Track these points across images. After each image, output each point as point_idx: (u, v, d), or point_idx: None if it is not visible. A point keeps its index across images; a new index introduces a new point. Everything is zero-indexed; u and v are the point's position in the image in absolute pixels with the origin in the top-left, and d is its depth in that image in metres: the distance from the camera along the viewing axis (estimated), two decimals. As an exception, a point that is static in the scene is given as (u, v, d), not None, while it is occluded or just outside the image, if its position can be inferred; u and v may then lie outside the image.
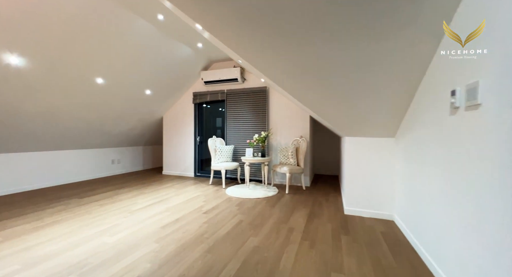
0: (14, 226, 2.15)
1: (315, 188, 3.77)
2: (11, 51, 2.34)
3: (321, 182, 4.28)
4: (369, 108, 2.02)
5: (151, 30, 3.08)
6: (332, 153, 5.09)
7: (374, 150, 2.44)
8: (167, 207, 2.75)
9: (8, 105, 2.73)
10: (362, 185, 2.48)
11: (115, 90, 3.61)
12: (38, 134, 3.37)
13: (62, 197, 3.16)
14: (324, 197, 3.22)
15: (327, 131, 4.92)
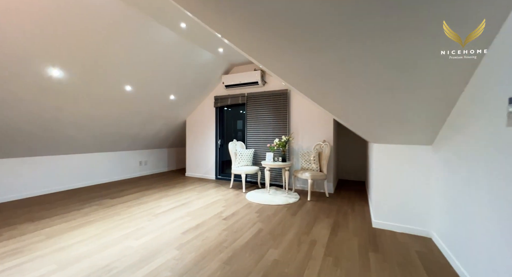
0: (54, 225, 2.35)
1: (339, 195, 3.57)
2: (53, 65, 2.57)
3: (346, 189, 4.04)
4: (402, 113, 1.83)
5: (174, 38, 3.18)
6: (358, 157, 4.79)
7: (407, 158, 2.21)
8: (188, 211, 2.80)
9: (50, 112, 3.01)
10: (393, 196, 2.27)
11: (142, 96, 3.80)
12: (75, 139, 3.68)
13: (95, 197, 3.41)
14: (349, 206, 3.03)
15: (352, 134, 4.64)
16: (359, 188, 4.15)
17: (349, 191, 3.87)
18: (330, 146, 3.56)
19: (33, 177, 3.44)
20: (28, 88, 2.59)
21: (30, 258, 1.71)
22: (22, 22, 2.08)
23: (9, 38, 2.12)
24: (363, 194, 3.67)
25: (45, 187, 3.58)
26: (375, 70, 1.47)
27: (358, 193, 3.73)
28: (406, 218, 2.20)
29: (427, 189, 2.11)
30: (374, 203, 2.43)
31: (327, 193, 3.51)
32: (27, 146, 3.22)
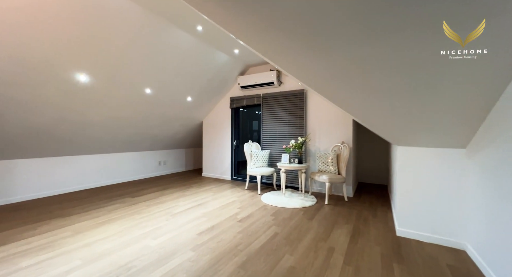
0: (81, 221, 2.50)
1: (359, 200, 3.40)
2: (79, 70, 2.74)
3: (366, 192, 3.85)
4: (431, 115, 1.68)
5: (191, 40, 3.24)
6: (379, 159, 4.55)
7: (436, 162, 2.03)
8: (204, 212, 2.83)
9: (78, 115, 3.21)
10: (420, 203, 2.10)
11: (160, 99, 3.92)
12: (101, 140, 3.90)
13: (118, 195, 3.58)
14: (370, 211, 2.87)
15: (373, 134, 4.41)
16: (380, 192, 3.93)
17: (369, 195, 3.67)
18: (349, 148, 3.41)
19: (64, 175, 3.70)
20: (57, 93, 2.78)
21: (58, 253, 1.83)
22: (51, 31, 2.23)
23: (39, 45, 2.29)
24: (385, 199, 3.46)
25: (75, 185, 3.84)
26: (399, 69, 1.35)
27: (379, 198, 3.53)
28: (435, 227, 2.03)
29: (460, 196, 1.92)
30: (398, 209, 2.27)
31: (346, 197, 3.36)
32: (59, 146, 3.47)
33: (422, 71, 1.30)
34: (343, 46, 1.27)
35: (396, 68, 1.36)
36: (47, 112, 2.89)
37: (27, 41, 2.18)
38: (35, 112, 2.80)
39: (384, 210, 2.94)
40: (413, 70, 1.31)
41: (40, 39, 2.22)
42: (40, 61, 2.38)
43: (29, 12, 2.01)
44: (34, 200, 3.31)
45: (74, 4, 2.14)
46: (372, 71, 1.44)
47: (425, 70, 1.28)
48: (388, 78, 1.47)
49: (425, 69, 1.28)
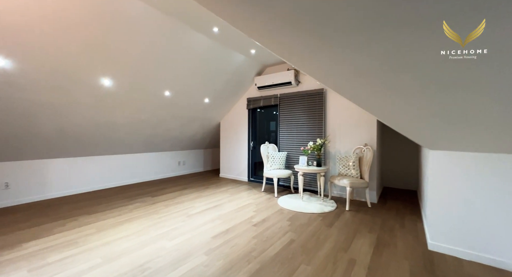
0: (104, 219, 2.63)
1: (384, 206, 3.15)
2: (104, 75, 2.88)
3: (393, 198, 3.56)
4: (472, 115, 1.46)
5: (207, 42, 3.25)
6: (407, 162, 4.19)
7: (477, 169, 1.78)
8: (220, 214, 2.81)
9: (103, 118, 3.40)
10: (458, 215, 1.85)
11: (179, 101, 4.01)
12: (124, 140, 4.10)
13: (140, 194, 3.73)
14: (397, 220, 2.63)
15: (400, 136, 4.08)
16: (409, 198, 3.60)
17: (396, 201, 3.38)
18: (373, 150, 3.17)
19: (92, 174, 3.95)
20: (85, 97, 2.96)
21: (82, 249, 1.92)
22: (78, 38, 2.37)
23: (68, 52, 2.44)
24: (415, 206, 3.16)
25: (101, 183, 4.08)
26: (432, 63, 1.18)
27: (407, 205, 3.24)
28: (477, 243, 1.77)
29: (509, 209, 1.66)
30: (430, 219, 2.04)
31: (369, 203, 3.13)
32: (87, 147, 3.71)
33: (467, 66, 1.13)
34: (367, 41, 1.14)
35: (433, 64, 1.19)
36: (76, 115, 3.10)
37: (58, 49, 2.34)
38: (66, 115, 3.01)
39: (413, 219, 2.67)
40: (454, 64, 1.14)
41: (69, 46, 2.37)
42: (70, 67, 2.54)
43: (56, 20, 2.15)
44: (66, 196, 3.57)
45: (97, 11, 2.25)
46: (401, 68, 1.28)
47: (472, 64, 1.10)
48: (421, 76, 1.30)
49: (472, 64, 1.10)
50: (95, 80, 2.85)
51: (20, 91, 2.46)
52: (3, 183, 3.08)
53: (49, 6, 2.03)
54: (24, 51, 2.20)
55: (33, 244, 2.02)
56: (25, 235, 2.19)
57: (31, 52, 2.24)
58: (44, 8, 2.02)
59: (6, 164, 3.11)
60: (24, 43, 2.14)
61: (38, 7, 1.99)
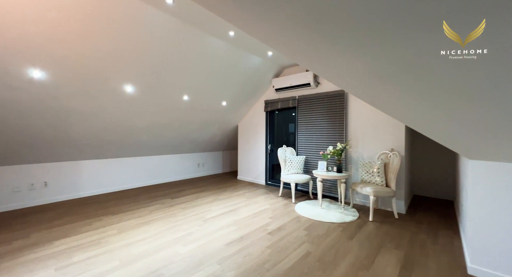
0: (126, 220, 2.75)
1: (413, 218, 2.86)
2: (126, 81, 3.03)
3: (424, 209, 3.23)
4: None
5: (224, 46, 3.26)
6: (442, 168, 3.78)
7: (531, 184, 1.51)
8: (235, 219, 2.79)
9: (126, 122, 3.58)
10: (506, 237, 1.59)
11: (197, 104, 4.09)
12: (146, 143, 4.29)
13: (160, 195, 3.87)
14: (429, 235, 2.36)
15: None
16: (444, 209, 3.24)
17: (428, 213, 3.06)
18: (401, 156, 2.90)
19: (118, 175, 4.20)
20: (110, 103, 3.14)
21: (104, 250, 2.02)
22: (101, 45, 2.51)
23: (94, 58, 2.60)
24: (451, 219, 2.83)
25: (126, 183, 4.32)
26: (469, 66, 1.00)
27: (442, 217, 2.91)
28: (529, 271, 1.50)
29: None
30: (471, 239, 1.78)
31: (396, 213, 2.87)
32: (113, 149, 3.95)
33: None
34: (389, 42, 1.01)
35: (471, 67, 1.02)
36: (102, 120, 3.30)
37: (82, 57, 2.50)
38: (93, 120, 3.23)
39: (449, 235, 2.38)
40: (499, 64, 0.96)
41: (94, 53, 2.52)
42: (95, 75, 2.71)
43: (81, 28, 2.30)
44: (95, 195, 3.84)
45: (118, 20, 2.35)
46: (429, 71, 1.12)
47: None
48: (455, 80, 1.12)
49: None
50: (118, 87, 3.01)
51: (52, 99, 2.68)
52: (43, 182, 3.40)
53: (75, 19, 2.17)
54: (53, 62, 2.39)
55: (62, 242, 2.17)
56: (57, 233, 2.37)
57: (59, 62, 2.42)
58: (70, 21, 2.17)
59: (46, 165, 3.42)
60: (52, 54, 2.32)
61: (64, 19, 2.14)
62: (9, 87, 2.36)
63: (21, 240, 2.22)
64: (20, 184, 3.22)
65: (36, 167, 3.33)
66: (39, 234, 2.35)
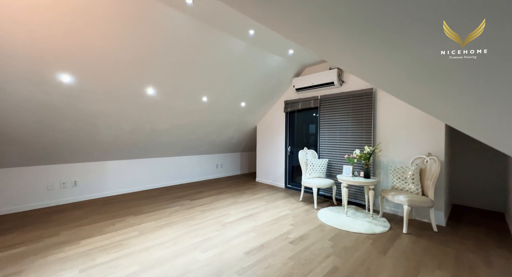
0: (147, 221, 2.78)
1: (456, 232, 2.53)
2: (148, 84, 3.07)
3: (468, 222, 2.85)
4: None
5: (243, 46, 3.17)
6: (489, 176, 3.34)
7: None
8: (255, 225, 2.68)
9: (149, 124, 3.66)
10: None
11: (216, 106, 4.06)
12: (167, 145, 4.36)
13: (179, 197, 3.90)
14: (480, 254, 2.04)
15: (475, 142, 3.27)
16: (492, 222, 2.84)
17: (474, 227, 2.69)
18: (440, 161, 2.58)
19: (141, 175, 4.33)
20: (134, 106, 3.21)
21: (125, 253, 2.02)
22: (122, 49, 2.55)
23: (116, 63, 2.66)
24: (504, 236, 2.45)
25: (148, 183, 4.43)
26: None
27: (492, 232, 2.53)
28: None
29: None
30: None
31: (434, 226, 2.55)
32: (136, 150, 4.07)
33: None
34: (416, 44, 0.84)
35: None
36: (126, 122, 3.40)
37: (109, 60, 2.56)
38: (119, 123, 3.33)
39: (505, 255, 2.04)
40: None
41: (119, 57, 2.58)
42: (118, 79, 2.77)
43: (106, 33, 2.35)
44: (120, 195, 3.98)
45: (140, 23, 2.37)
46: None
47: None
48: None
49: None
50: (141, 90, 3.06)
51: (80, 102, 2.80)
52: (73, 181, 3.59)
53: (98, 25, 2.22)
54: (81, 67, 2.47)
55: (88, 242, 2.23)
56: (84, 232, 2.45)
57: (86, 67, 2.50)
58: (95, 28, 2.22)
59: (76, 165, 3.61)
60: (78, 59, 2.40)
61: (91, 25, 2.20)
62: (43, 92, 2.49)
63: (53, 238, 2.32)
64: (54, 182, 3.43)
65: (66, 167, 3.52)
66: (69, 233, 2.44)
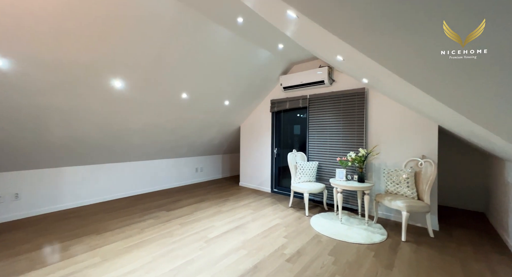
0: (112, 241, 2.27)
1: (451, 237, 2.48)
2: (116, 76, 2.56)
3: (457, 224, 2.85)
4: None
5: (230, 37, 2.82)
6: (468, 176, 3.43)
7: None
8: (244, 239, 2.34)
9: (116, 123, 3.10)
10: None
11: (197, 103, 3.63)
12: (139, 147, 3.80)
13: (154, 207, 3.38)
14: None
15: (457, 144, 3.36)
16: (479, 224, 2.89)
17: (464, 230, 2.68)
18: (435, 164, 2.51)
19: (106, 183, 3.69)
20: (96, 101, 2.65)
21: (79, 291, 1.55)
22: (83, 32, 2.04)
23: (78, 51, 2.12)
24: (495, 239, 2.45)
25: (115, 192, 3.81)
26: None
27: (483, 235, 2.54)
28: None
29: None
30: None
31: (431, 231, 2.48)
32: (100, 154, 3.45)
33: None
34: None
35: None
36: (87, 121, 2.81)
37: (70, 48, 2.03)
38: (76, 121, 2.74)
39: (505, 262, 1.99)
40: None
41: (73, 45, 2.05)
42: (75, 67, 2.23)
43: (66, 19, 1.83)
44: (78, 208, 3.32)
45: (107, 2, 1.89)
46: None
47: None
48: None
49: None
50: (107, 83, 2.53)
51: (23, 95, 2.19)
52: (13, 194, 2.87)
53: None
54: (14, 46, 1.90)
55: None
56: (21, 265, 1.87)
57: (22, 46, 1.94)
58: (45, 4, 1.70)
59: (16, 174, 2.89)
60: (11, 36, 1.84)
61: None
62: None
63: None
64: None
65: (3, 176, 2.80)
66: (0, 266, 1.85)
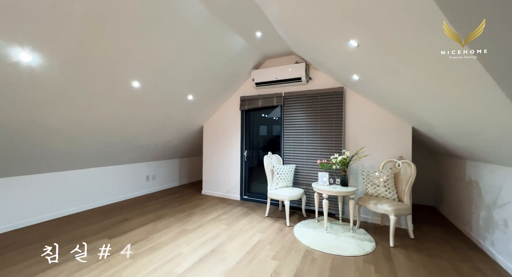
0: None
1: (428, 236, 2.55)
2: (22, 46, 1.65)
3: (424, 221, 3.02)
4: None
5: (202, 12, 2.23)
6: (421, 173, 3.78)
7: None
8: (226, 269, 1.82)
9: (29, 121, 2.08)
10: None
11: (153, 96, 2.87)
12: (64, 153, 2.76)
13: (88, 234, 2.45)
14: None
15: (417, 145, 3.66)
16: (437, 218, 3.14)
17: (432, 227, 2.84)
18: (413, 166, 2.56)
19: (18, 203, 2.51)
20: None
21: None
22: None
23: None
24: (457, 235, 2.65)
25: (31, 216, 2.63)
26: None
27: (449, 231, 2.73)
28: None
29: None
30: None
31: (411, 233, 2.50)
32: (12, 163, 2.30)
33: None
34: None
35: None
36: (-37, 113, 1.76)
37: None
38: None
39: (481, 259, 2.10)
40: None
41: None
42: None
43: None
44: (-51, 249, 2.11)
45: None
46: None
47: None
48: None
49: None
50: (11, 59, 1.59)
51: None
52: None
53: None
54: None
55: None
56: None
57: None
58: None
59: None
60: None
61: None
62: None
63: None
64: None
65: None
66: None
